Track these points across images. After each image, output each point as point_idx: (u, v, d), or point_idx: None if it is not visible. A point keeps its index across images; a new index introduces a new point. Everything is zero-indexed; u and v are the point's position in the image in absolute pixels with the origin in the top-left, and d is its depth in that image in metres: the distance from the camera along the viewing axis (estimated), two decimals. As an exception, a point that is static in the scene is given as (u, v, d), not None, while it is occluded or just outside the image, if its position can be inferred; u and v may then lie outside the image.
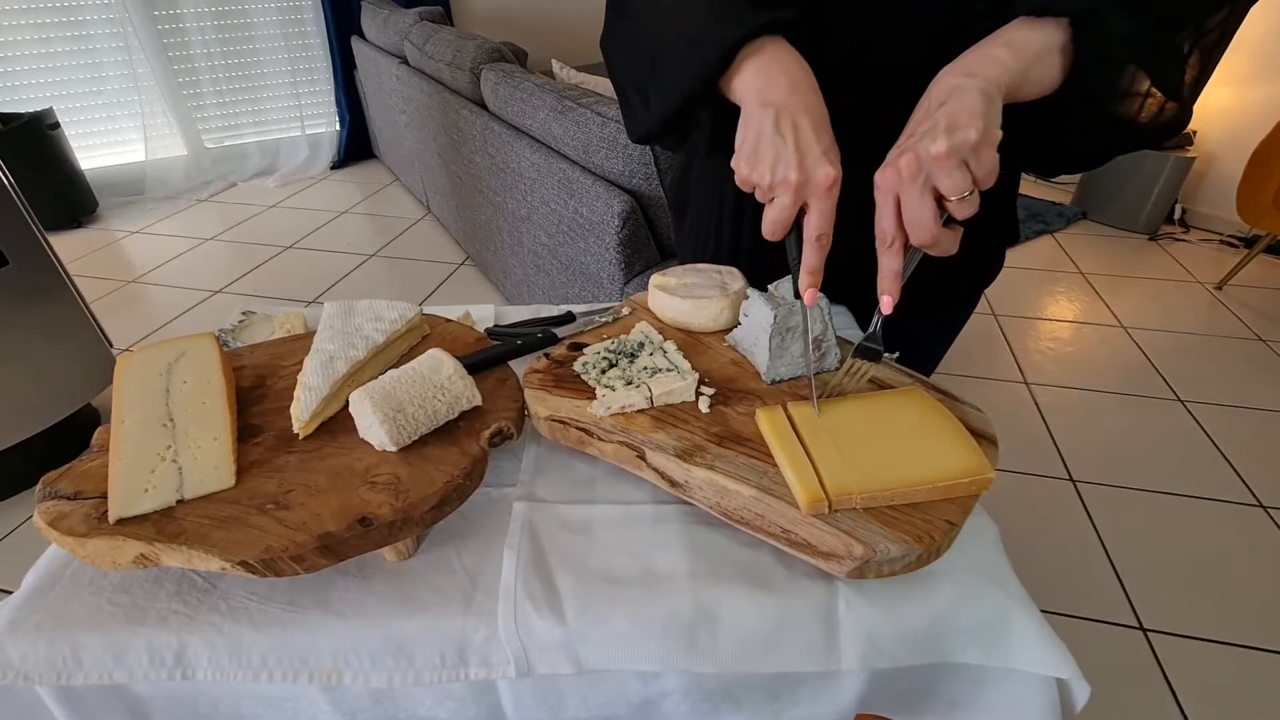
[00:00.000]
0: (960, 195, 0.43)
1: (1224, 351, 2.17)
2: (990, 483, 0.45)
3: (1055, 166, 0.57)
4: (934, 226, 0.44)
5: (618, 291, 1.47)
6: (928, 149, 0.43)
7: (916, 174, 0.44)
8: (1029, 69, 0.45)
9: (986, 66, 0.45)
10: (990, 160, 0.43)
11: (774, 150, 0.47)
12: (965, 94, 0.43)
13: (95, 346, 1.62)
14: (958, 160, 0.42)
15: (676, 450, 0.49)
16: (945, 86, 0.45)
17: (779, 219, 0.48)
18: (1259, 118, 2.55)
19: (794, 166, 0.46)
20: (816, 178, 0.46)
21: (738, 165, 0.50)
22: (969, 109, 0.43)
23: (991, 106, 0.43)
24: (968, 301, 0.83)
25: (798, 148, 0.47)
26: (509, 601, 0.44)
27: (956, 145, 0.42)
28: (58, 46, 2.86)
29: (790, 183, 0.46)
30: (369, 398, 0.47)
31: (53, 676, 0.43)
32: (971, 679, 0.48)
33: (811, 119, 0.48)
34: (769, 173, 0.47)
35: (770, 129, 0.47)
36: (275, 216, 3.04)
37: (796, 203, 0.47)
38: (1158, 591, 1.37)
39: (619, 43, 0.61)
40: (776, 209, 0.48)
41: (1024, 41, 0.46)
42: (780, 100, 0.48)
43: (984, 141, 0.42)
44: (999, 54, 0.45)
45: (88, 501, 0.45)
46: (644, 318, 0.65)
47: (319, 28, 3.34)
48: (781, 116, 0.47)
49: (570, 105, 1.52)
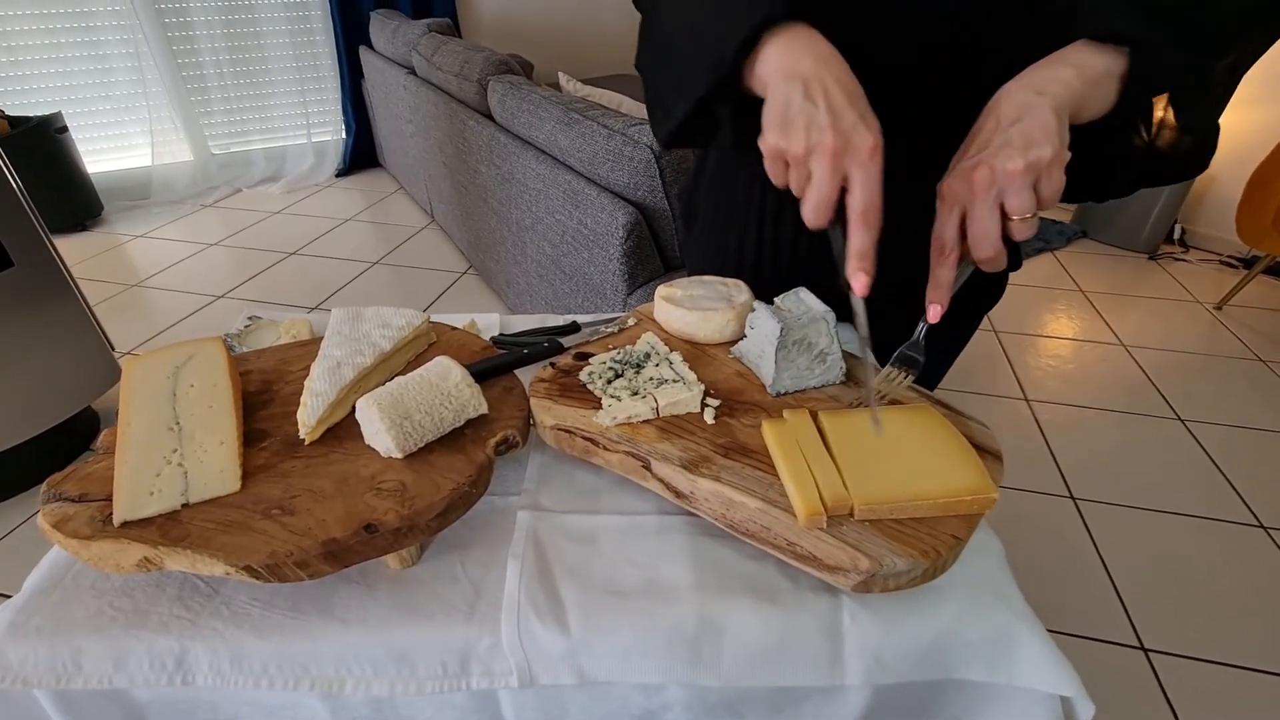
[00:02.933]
0: (1024, 215, 0.43)
1: (1224, 371, 2.17)
2: (993, 502, 0.45)
3: (1080, 193, 0.56)
4: (999, 242, 0.44)
5: (621, 302, 1.47)
6: (1004, 164, 0.42)
7: (989, 188, 0.43)
8: (1088, 93, 0.45)
9: (1055, 86, 0.44)
10: (1059, 180, 0.43)
11: (805, 116, 0.43)
12: (1039, 112, 0.43)
13: (97, 349, 1.62)
14: (1031, 178, 0.42)
15: (682, 461, 0.49)
16: (1017, 103, 0.44)
17: (820, 196, 0.44)
18: (1258, 140, 2.57)
19: (829, 129, 0.42)
20: (855, 141, 0.42)
21: (766, 138, 0.46)
22: (1044, 126, 0.42)
23: (1063, 126, 0.43)
24: (971, 323, 0.84)
25: (830, 110, 0.43)
26: (512, 611, 0.44)
27: (1032, 162, 0.42)
28: (68, 51, 2.88)
29: (827, 147, 0.42)
30: (376, 404, 0.47)
31: (52, 680, 0.42)
32: (976, 695, 0.48)
33: (843, 88, 0.44)
34: (803, 137, 0.43)
35: (800, 97, 0.44)
36: (279, 223, 3.06)
37: (836, 174, 0.43)
38: (1158, 611, 1.36)
39: (650, 50, 0.59)
40: (816, 186, 0.44)
41: (1089, 64, 0.45)
42: (807, 72, 0.45)
43: (1056, 160, 0.42)
44: (1066, 74, 0.45)
45: (92, 504, 0.45)
46: (650, 328, 0.65)
47: (327, 37, 3.37)
48: (811, 84, 0.44)
49: (576, 117, 1.54)
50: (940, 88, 0.52)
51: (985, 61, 0.51)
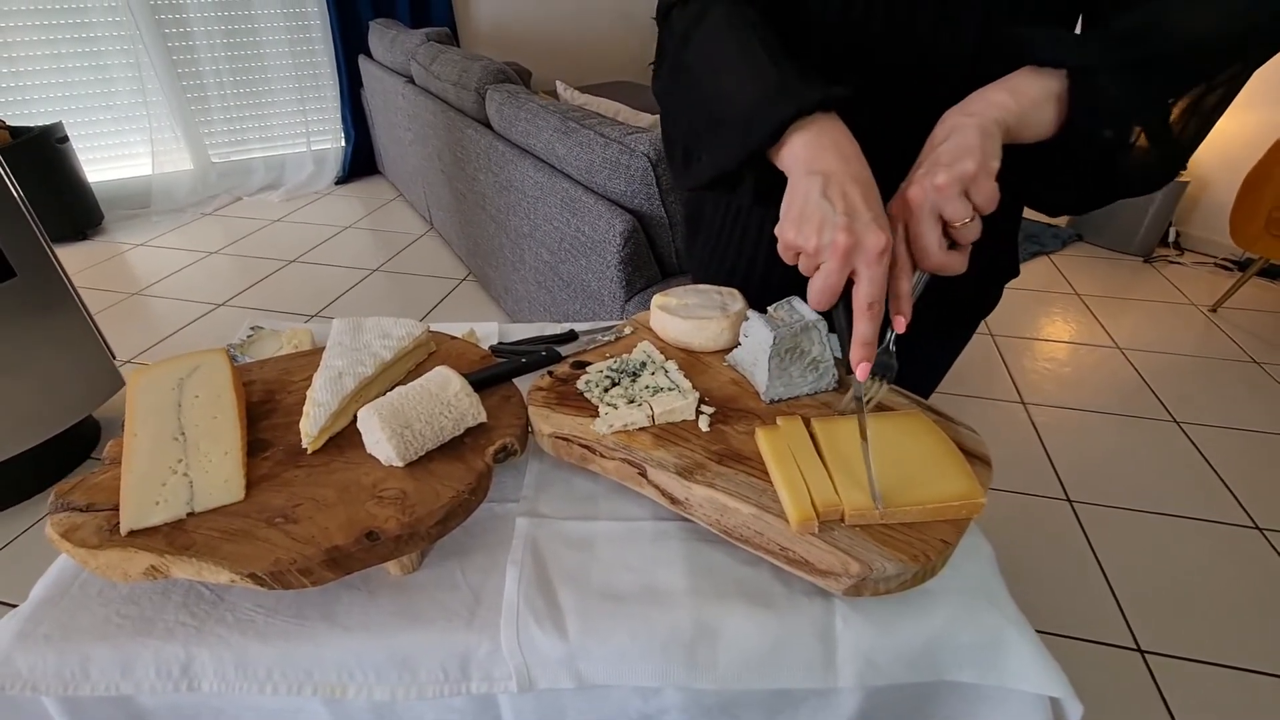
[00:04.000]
0: (962, 221, 0.46)
1: (1219, 373, 2.18)
2: (981, 507, 0.46)
3: (1056, 207, 0.60)
4: (939, 251, 0.47)
5: (619, 309, 1.49)
6: (932, 180, 0.46)
7: (923, 203, 0.47)
8: (1027, 113, 0.49)
9: (985, 108, 0.48)
10: (988, 189, 0.46)
11: (820, 214, 0.46)
12: (964, 131, 0.47)
13: (98, 358, 1.63)
14: (959, 190, 0.46)
15: (677, 468, 0.50)
16: (947, 126, 0.49)
17: (827, 286, 0.46)
18: (1250, 144, 2.59)
19: (843, 229, 0.45)
20: (866, 243, 0.45)
21: (783, 231, 0.49)
22: (966, 144, 0.46)
23: (989, 141, 0.47)
24: (966, 330, 0.85)
25: (846, 211, 0.46)
26: (511, 616, 0.45)
27: (957, 176, 0.45)
28: (68, 62, 2.90)
29: (839, 246, 0.45)
30: (377, 414, 0.48)
31: (60, 688, 0.43)
32: (968, 698, 0.49)
33: (861, 188, 0.47)
34: (815, 236, 0.46)
35: (818, 194, 0.47)
36: (279, 231, 3.07)
37: (844, 269, 0.46)
38: (1154, 613, 1.37)
39: (673, 97, 0.62)
40: (824, 275, 0.46)
41: (1025, 88, 0.49)
42: (828, 169, 0.48)
43: (981, 172, 0.46)
44: (999, 98, 0.49)
45: (100, 514, 0.45)
46: (646, 337, 0.66)
47: (326, 46, 3.39)
48: (830, 183, 0.47)
49: (574, 126, 1.55)
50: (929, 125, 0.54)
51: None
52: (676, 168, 0.64)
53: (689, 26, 0.59)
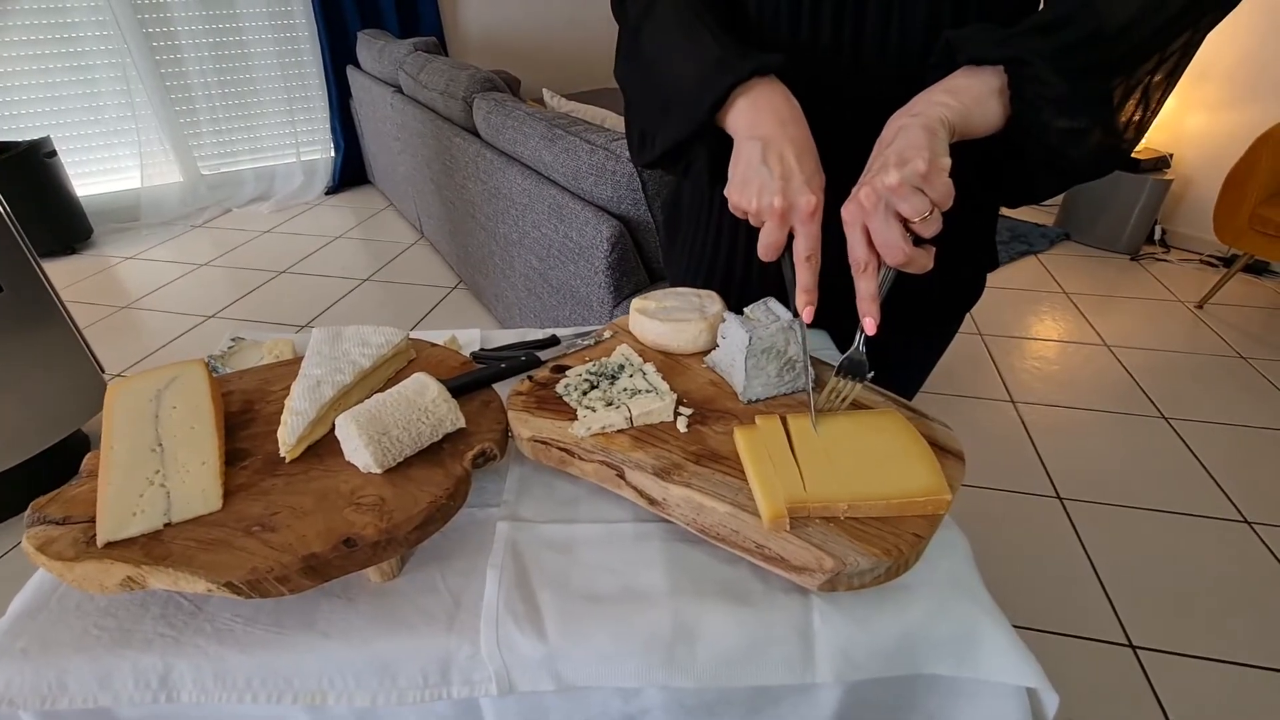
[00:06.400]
0: (921, 216, 0.47)
1: (1206, 369, 2.20)
2: (947, 504, 0.46)
3: (1016, 197, 0.61)
4: (904, 246, 0.48)
5: (607, 314, 1.49)
6: (883, 181, 0.47)
7: (877, 203, 0.48)
8: (970, 110, 0.51)
9: (928, 108, 0.50)
10: (942, 184, 0.47)
11: (759, 179, 0.52)
12: (910, 131, 0.48)
13: (87, 372, 1.62)
14: (911, 187, 0.47)
15: (655, 469, 0.50)
16: (893, 127, 0.51)
17: (769, 242, 0.52)
18: (1232, 142, 2.62)
19: (777, 193, 0.50)
20: (799, 204, 0.51)
21: (730, 193, 0.55)
22: (914, 143, 0.47)
23: (935, 139, 0.48)
24: (949, 324, 0.85)
25: (782, 176, 0.51)
26: (491, 620, 0.45)
27: (907, 175, 0.46)
28: (56, 76, 2.90)
29: (775, 209, 0.51)
30: (354, 421, 0.48)
31: (37, 702, 0.43)
32: (947, 692, 0.49)
33: (796, 149, 0.52)
34: (755, 199, 0.52)
35: (758, 159, 0.52)
36: (269, 242, 3.07)
37: (783, 227, 0.52)
38: (1146, 608, 1.38)
39: (630, 82, 0.66)
40: (766, 233, 0.52)
41: (964, 87, 0.51)
42: (767, 133, 0.52)
43: (932, 169, 0.47)
44: (940, 98, 0.51)
45: (76, 526, 0.45)
46: (625, 340, 0.67)
47: (315, 57, 3.40)
48: (769, 147, 0.52)
49: (560, 133, 1.56)
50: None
51: None
52: (633, 147, 0.69)
53: (641, 16, 0.63)
